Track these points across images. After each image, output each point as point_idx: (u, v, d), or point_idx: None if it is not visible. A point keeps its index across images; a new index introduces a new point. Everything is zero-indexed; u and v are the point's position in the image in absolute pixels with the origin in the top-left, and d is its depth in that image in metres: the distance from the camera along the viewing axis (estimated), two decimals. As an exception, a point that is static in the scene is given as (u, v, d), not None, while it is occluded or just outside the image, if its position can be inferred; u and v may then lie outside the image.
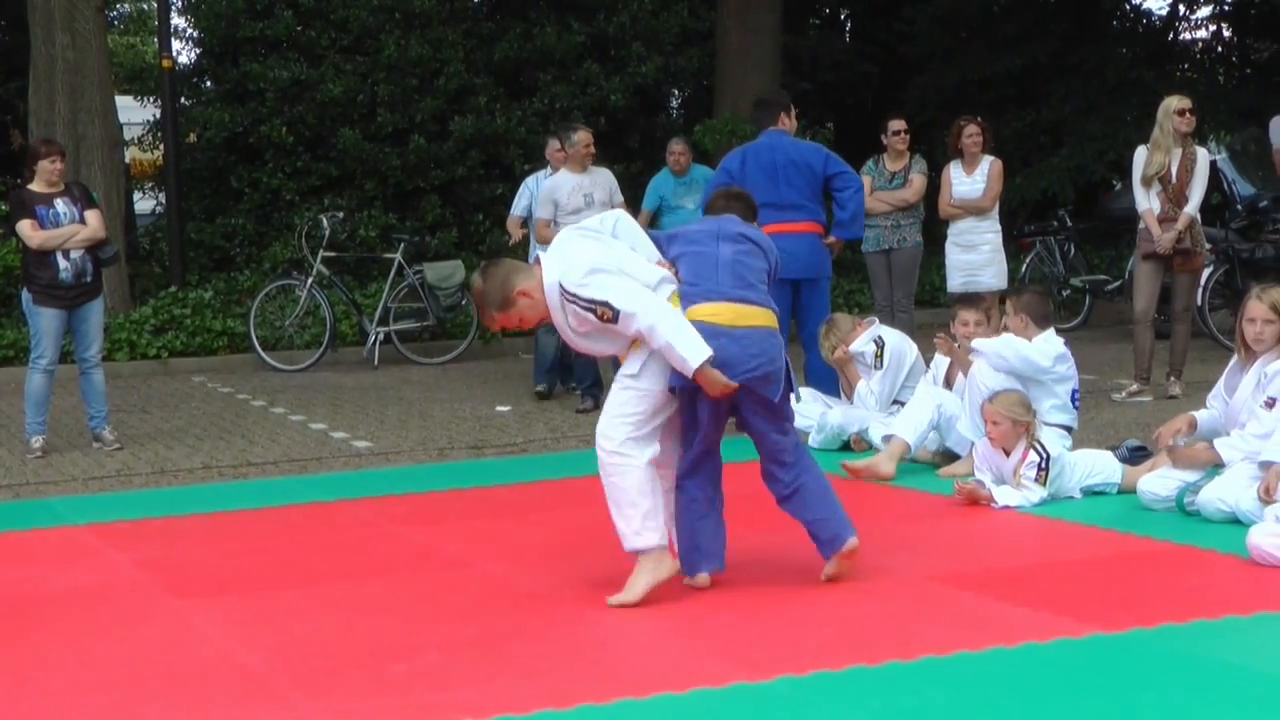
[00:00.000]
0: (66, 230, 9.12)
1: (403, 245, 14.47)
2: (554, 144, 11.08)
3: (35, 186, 9.23)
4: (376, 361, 13.81)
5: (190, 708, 4.37)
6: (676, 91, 19.93)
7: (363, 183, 16.50)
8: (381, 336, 14.01)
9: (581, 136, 10.33)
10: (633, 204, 11.74)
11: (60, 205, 9.16)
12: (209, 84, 17.49)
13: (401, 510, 7.24)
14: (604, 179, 10.42)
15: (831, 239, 9.31)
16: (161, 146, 16.48)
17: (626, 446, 5.34)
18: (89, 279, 9.23)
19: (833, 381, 8.97)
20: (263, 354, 13.77)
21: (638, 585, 5.33)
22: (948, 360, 8.29)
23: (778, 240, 9.13)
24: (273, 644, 5.01)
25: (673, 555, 5.46)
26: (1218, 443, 6.57)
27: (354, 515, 7.18)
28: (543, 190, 10.48)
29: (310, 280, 13.99)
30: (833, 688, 4.38)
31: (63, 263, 9.07)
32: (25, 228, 9.08)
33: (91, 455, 9.19)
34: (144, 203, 19.67)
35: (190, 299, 14.53)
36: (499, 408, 10.78)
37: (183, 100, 16.77)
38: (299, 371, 13.52)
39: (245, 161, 16.60)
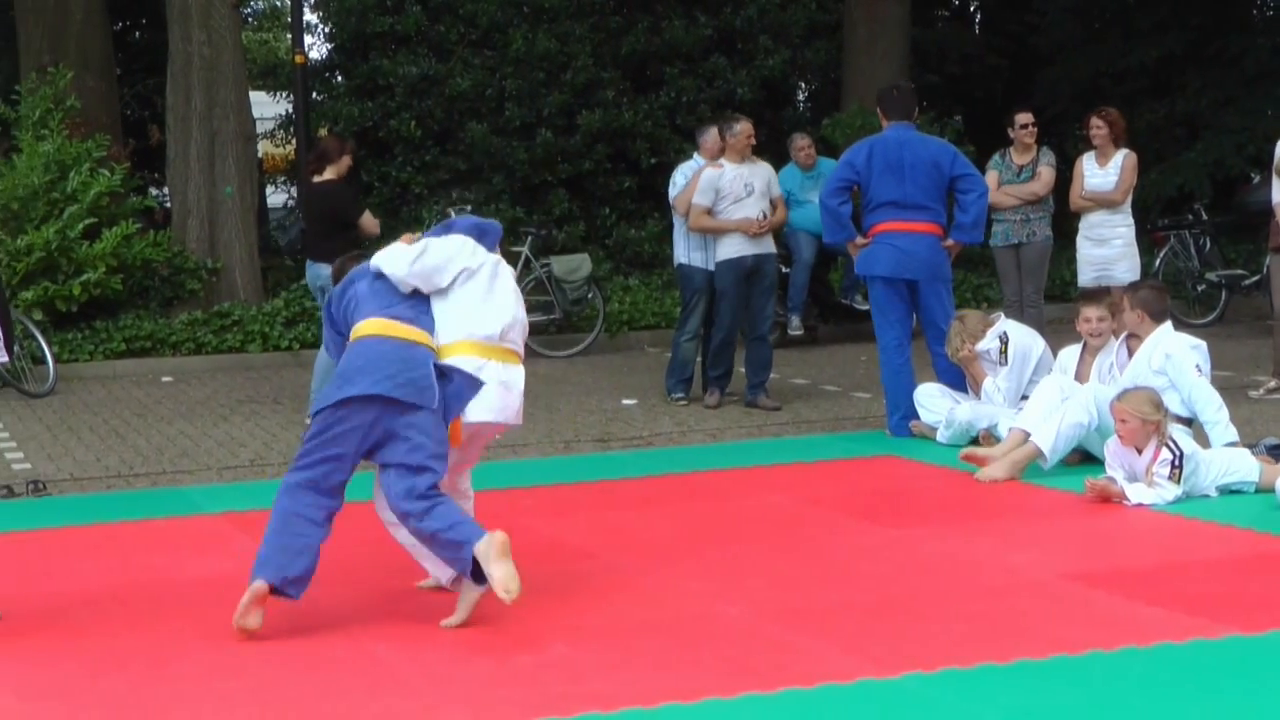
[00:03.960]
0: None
1: (530, 238, 14.54)
2: (713, 134, 10.71)
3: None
4: (503, 354, 13.87)
5: (321, 695, 4.43)
6: (803, 85, 19.85)
7: (490, 176, 16.63)
8: (508, 329, 14.05)
9: (743, 127, 10.20)
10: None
11: None
12: (340, 79, 17.72)
13: (528, 502, 7.27)
14: (763, 170, 10.29)
15: (950, 242, 9.02)
16: (294, 141, 16.73)
17: None
18: None
19: (960, 376, 8.87)
20: (392, 346, 13.88)
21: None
22: (1077, 355, 8.18)
23: (897, 238, 9.12)
24: (402, 632, 5.06)
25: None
26: None
27: (481, 507, 7.20)
28: (704, 178, 10.07)
29: (438, 273, 14.06)
30: (962, 685, 4.33)
31: None
32: (370, 217, 10.18)
33: (226, 446, 9.36)
34: (276, 197, 20.01)
35: (321, 292, 14.70)
36: (625, 401, 10.79)
37: (314, 95, 16.98)
38: (427, 363, 13.61)
39: (375, 155, 16.80)
